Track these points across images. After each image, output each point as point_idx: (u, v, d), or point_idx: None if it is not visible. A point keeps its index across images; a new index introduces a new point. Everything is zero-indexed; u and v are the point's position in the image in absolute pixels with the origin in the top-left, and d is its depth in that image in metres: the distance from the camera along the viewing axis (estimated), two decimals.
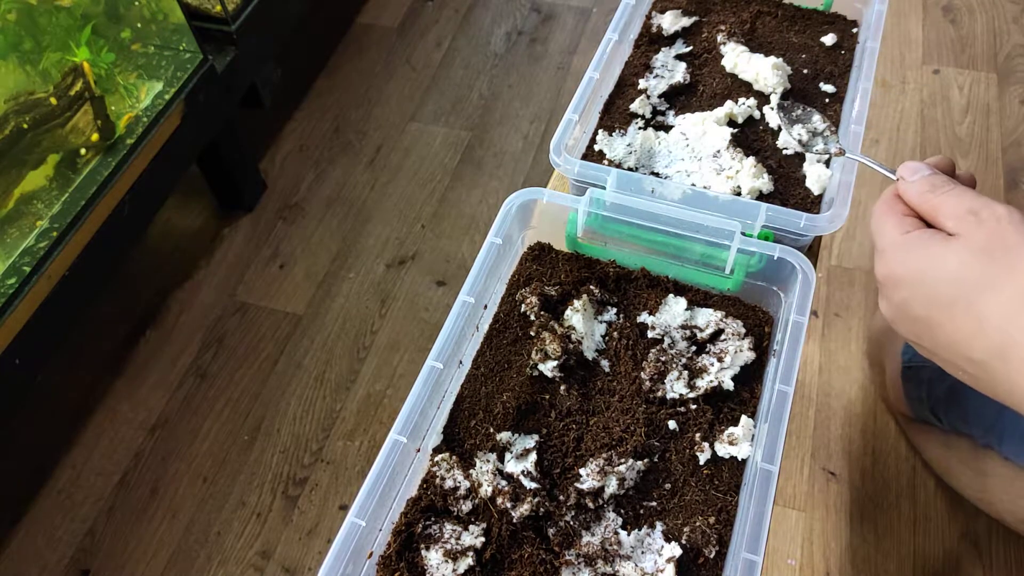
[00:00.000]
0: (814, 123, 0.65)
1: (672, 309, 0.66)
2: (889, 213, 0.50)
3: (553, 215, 0.69)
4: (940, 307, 0.45)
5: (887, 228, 0.49)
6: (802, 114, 0.66)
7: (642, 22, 0.88)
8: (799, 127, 0.65)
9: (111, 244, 1.16)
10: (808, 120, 0.65)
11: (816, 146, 0.64)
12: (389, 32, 1.87)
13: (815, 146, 0.64)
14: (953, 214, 0.46)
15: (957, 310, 0.44)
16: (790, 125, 0.66)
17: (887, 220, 0.50)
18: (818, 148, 0.64)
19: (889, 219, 0.49)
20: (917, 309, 0.46)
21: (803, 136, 0.65)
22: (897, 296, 0.47)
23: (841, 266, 1.40)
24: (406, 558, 0.55)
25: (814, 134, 0.65)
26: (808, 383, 1.26)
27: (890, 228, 0.49)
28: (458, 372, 0.63)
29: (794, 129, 0.65)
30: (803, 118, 0.66)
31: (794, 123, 0.66)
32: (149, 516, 1.20)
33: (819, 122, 0.65)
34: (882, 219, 0.50)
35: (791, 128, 0.66)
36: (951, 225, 0.46)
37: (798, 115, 0.66)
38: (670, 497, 0.57)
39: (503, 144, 1.64)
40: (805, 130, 0.65)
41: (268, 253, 1.49)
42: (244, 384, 1.33)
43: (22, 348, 1.03)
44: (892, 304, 0.48)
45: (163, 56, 1.27)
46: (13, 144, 1.04)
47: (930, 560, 1.09)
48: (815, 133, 0.65)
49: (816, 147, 0.64)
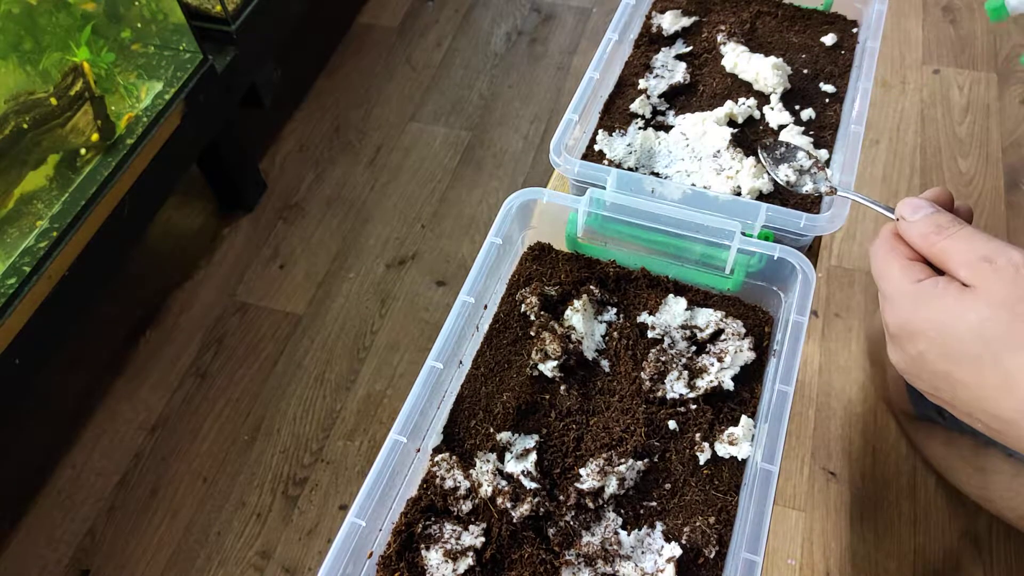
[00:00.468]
0: (799, 160, 0.62)
1: (672, 309, 0.66)
2: (892, 256, 0.47)
3: (553, 215, 0.69)
4: (962, 363, 0.43)
5: (893, 274, 0.46)
6: (786, 152, 0.63)
7: (642, 22, 0.88)
8: (784, 167, 0.62)
9: (111, 244, 1.16)
10: (793, 158, 0.62)
11: (805, 186, 0.61)
12: (389, 32, 1.87)
13: (804, 186, 0.61)
14: (965, 261, 0.44)
15: (983, 367, 0.42)
16: (775, 166, 0.62)
17: (891, 265, 0.47)
18: (808, 188, 0.61)
19: (894, 263, 0.47)
20: (936, 364, 0.44)
21: (790, 176, 0.62)
22: (913, 349, 0.45)
23: (841, 266, 1.40)
24: (406, 558, 0.55)
25: (801, 172, 0.62)
26: (808, 383, 1.26)
27: (897, 274, 0.46)
28: (458, 372, 0.63)
29: (780, 170, 0.62)
30: (787, 156, 0.63)
31: (779, 163, 0.62)
32: (149, 516, 1.20)
33: (804, 159, 0.62)
34: (886, 263, 0.47)
35: (776, 170, 0.62)
36: (964, 275, 0.44)
37: (782, 154, 0.63)
38: (670, 497, 0.57)
39: (503, 144, 1.64)
40: (791, 169, 0.62)
41: (268, 253, 1.49)
42: (244, 384, 1.33)
43: (22, 348, 1.03)
44: (907, 356, 0.46)
45: (163, 56, 1.27)
46: (13, 144, 1.04)
47: (930, 559, 1.09)
48: (802, 171, 0.62)
49: (805, 187, 0.61)
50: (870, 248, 0.50)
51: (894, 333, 0.46)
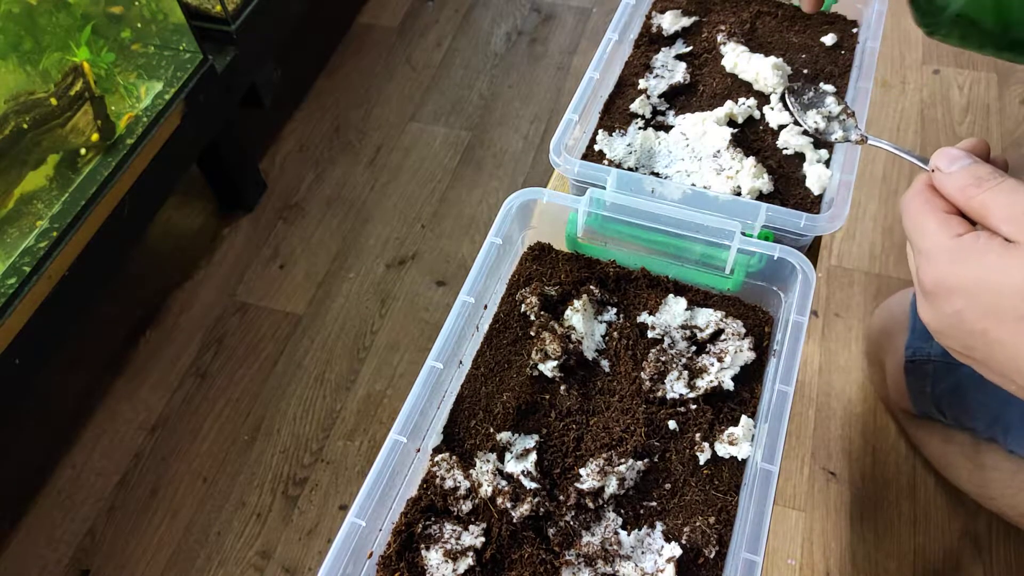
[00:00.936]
0: (828, 106, 0.57)
1: (672, 309, 0.66)
2: (929, 211, 0.44)
3: (553, 215, 0.69)
4: (1003, 322, 0.41)
5: (930, 228, 0.44)
6: (814, 97, 0.58)
7: (642, 22, 0.88)
8: (813, 113, 0.57)
9: (111, 244, 1.16)
10: (821, 103, 0.57)
11: (835, 133, 0.56)
12: (389, 32, 1.87)
13: (833, 133, 0.56)
14: (1009, 216, 0.42)
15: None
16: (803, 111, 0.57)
17: (928, 219, 0.44)
18: (837, 136, 0.56)
19: (931, 218, 0.44)
20: (974, 323, 0.42)
21: (819, 123, 0.57)
22: (949, 307, 0.43)
23: (841, 266, 1.40)
24: (406, 558, 0.55)
25: (829, 119, 0.57)
26: (808, 383, 1.26)
27: (934, 228, 0.44)
28: (458, 372, 0.63)
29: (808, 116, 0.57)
30: (816, 101, 0.58)
31: (807, 108, 0.57)
32: (149, 516, 1.20)
33: (834, 104, 0.57)
34: (921, 217, 0.45)
35: (804, 115, 0.57)
36: (1008, 230, 0.41)
37: (810, 99, 0.58)
38: (670, 497, 0.57)
39: (503, 144, 1.64)
40: (820, 116, 0.57)
41: (268, 253, 1.49)
42: (244, 384, 1.33)
43: (22, 348, 1.03)
44: (942, 314, 0.44)
45: (163, 56, 1.27)
46: (13, 144, 1.04)
47: (930, 559, 1.09)
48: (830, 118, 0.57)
49: (835, 134, 0.56)
50: (902, 201, 0.47)
51: (930, 290, 0.44)
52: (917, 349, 1.02)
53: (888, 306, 1.12)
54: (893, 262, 1.39)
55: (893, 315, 1.09)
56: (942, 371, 0.99)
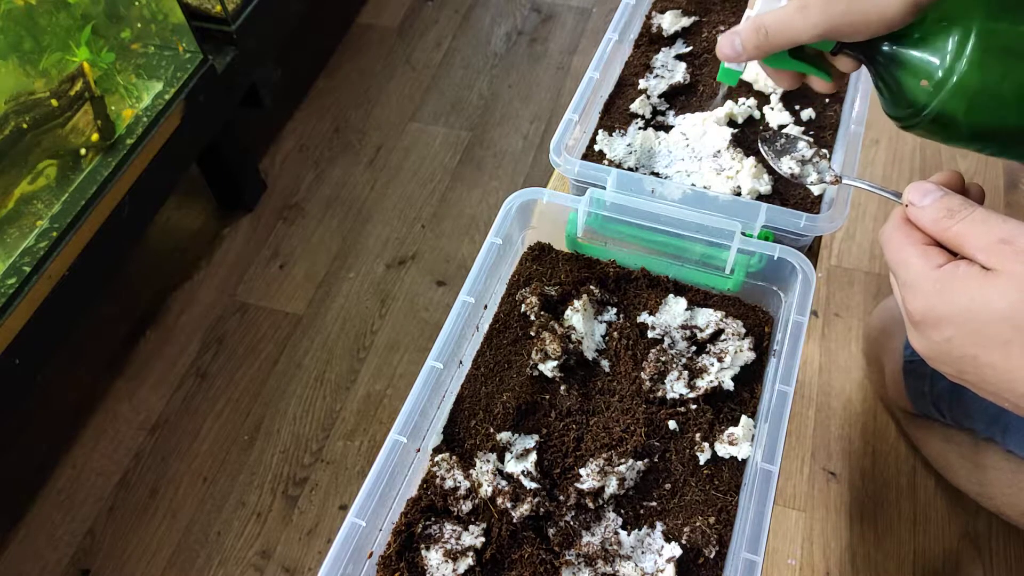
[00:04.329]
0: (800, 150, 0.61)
1: (672, 309, 0.66)
2: (909, 244, 0.46)
3: (553, 215, 0.69)
4: (991, 347, 0.43)
5: (912, 261, 0.46)
6: (786, 143, 0.61)
7: (642, 22, 0.88)
8: (787, 159, 0.61)
9: (111, 244, 1.16)
10: (793, 148, 0.61)
11: (809, 176, 0.60)
12: (389, 32, 1.87)
13: (808, 176, 0.60)
14: (983, 245, 0.43)
15: (1012, 349, 0.42)
16: (777, 158, 0.61)
17: (909, 252, 0.46)
18: (812, 178, 0.60)
19: (911, 251, 0.46)
20: (964, 349, 0.44)
21: (793, 168, 0.60)
22: (938, 335, 0.45)
23: (841, 266, 1.40)
24: (406, 558, 0.55)
25: (803, 162, 0.60)
26: (808, 383, 1.26)
27: (916, 261, 0.45)
28: (458, 372, 0.63)
29: (783, 162, 0.61)
30: (788, 148, 0.61)
31: (780, 155, 0.61)
32: (149, 516, 1.20)
33: (806, 148, 0.61)
34: (902, 251, 0.46)
35: (779, 162, 0.61)
36: (983, 258, 0.43)
37: (782, 145, 0.61)
38: (670, 497, 0.57)
39: (503, 144, 1.64)
40: (793, 160, 0.61)
41: (268, 253, 1.49)
42: (244, 384, 1.33)
43: (22, 348, 1.03)
44: (932, 343, 0.46)
45: (163, 56, 1.27)
46: (13, 144, 1.04)
47: (930, 559, 1.09)
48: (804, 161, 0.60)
49: (810, 177, 0.60)
50: (881, 235, 0.49)
51: (919, 320, 0.46)
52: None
53: (886, 306, 1.12)
54: None
55: (892, 315, 1.09)
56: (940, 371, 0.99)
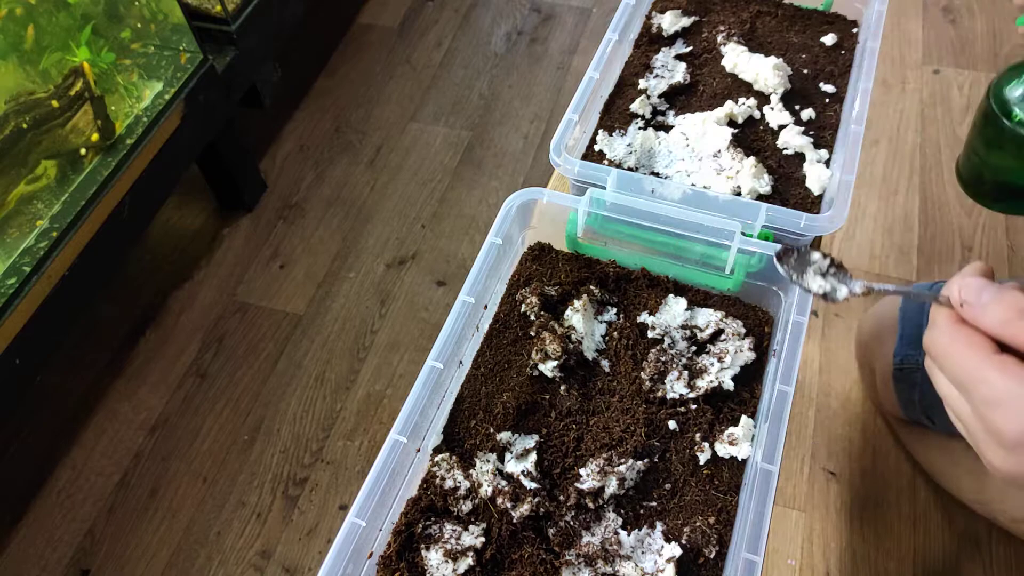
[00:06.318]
0: (815, 262, 0.56)
1: (672, 309, 0.66)
2: (980, 355, 0.41)
3: (553, 215, 0.69)
4: None
5: (992, 376, 0.41)
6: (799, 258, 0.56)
7: (642, 22, 0.88)
8: (810, 274, 0.55)
9: (111, 244, 1.16)
10: (810, 262, 0.56)
11: (839, 290, 0.54)
12: (389, 32, 1.87)
13: (838, 290, 0.54)
14: None
15: None
16: (801, 277, 0.55)
17: (986, 367, 0.41)
18: (843, 294, 0.54)
19: (987, 364, 0.41)
20: None
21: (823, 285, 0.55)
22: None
23: None
24: (406, 558, 0.55)
25: (823, 274, 0.55)
26: (808, 383, 1.26)
27: (998, 376, 0.40)
28: (458, 372, 0.63)
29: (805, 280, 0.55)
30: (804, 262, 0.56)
31: (801, 272, 0.55)
32: (149, 516, 1.20)
33: (821, 260, 0.56)
34: (975, 365, 0.42)
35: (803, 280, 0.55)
36: None
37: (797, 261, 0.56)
38: (670, 497, 0.57)
39: (503, 144, 1.64)
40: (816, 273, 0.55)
41: (268, 253, 1.49)
42: (244, 384, 1.33)
43: (22, 348, 1.03)
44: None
45: (163, 56, 1.27)
46: (13, 144, 1.04)
47: (930, 559, 1.09)
48: (824, 274, 0.55)
49: (840, 292, 0.54)
50: (932, 343, 0.44)
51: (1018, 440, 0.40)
52: (905, 356, 1.01)
53: (877, 311, 1.10)
54: (893, 262, 1.39)
55: (882, 321, 1.07)
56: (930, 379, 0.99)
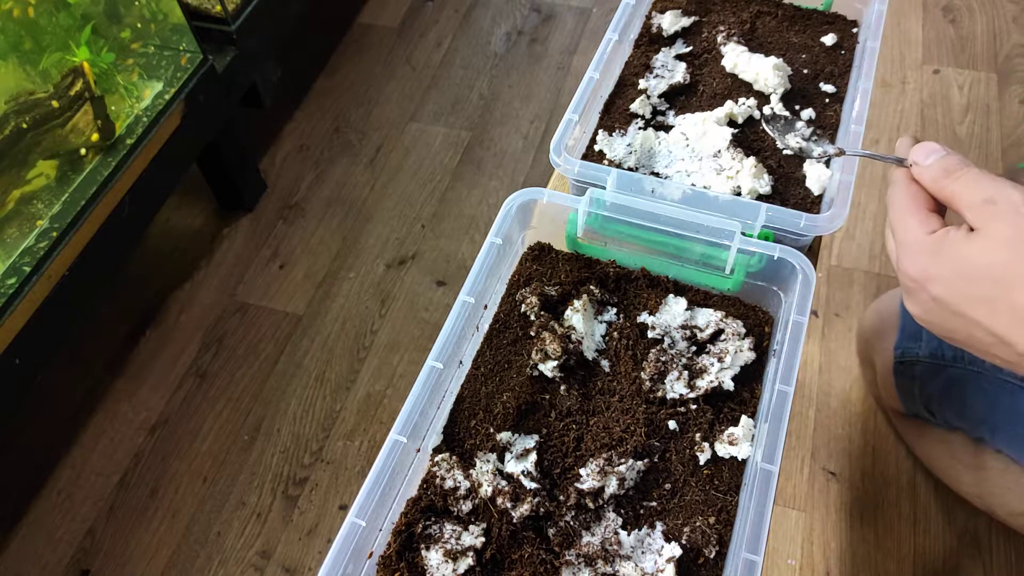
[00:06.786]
0: (799, 129, 0.65)
1: (672, 309, 0.66)
2: (911, 208, 0.50)
3: (553, 215, 0.69)
4: (975, 304, 0.46)
5: (910, 223, 0.49)
6: (786, 124, 0.66)
7: (642, 22, 0.88)
8: (791, 136, 0.65)
9: (111, 244, 1.16)
10: (793, 128, 0.65)
11: (815, 150, 0.64)
12: (389, 32, 1.87)
13: (814, 150, 0.64)
14: (970, 204, 0.47)
15: (996, 306, 0.45)
16: (782, 135, 0.65)
17: (910, 216, 0.50)
18: (817, 153, 0.63)
19: (913, 216, 0.50)
20: (951, 307, 0.47)
21: (800, 143, 0.64)
22: (927, 296, 0.48)
23: (841, 266, 1.40)
24: (406, 558, 0.55)
25: (805, 139, 0.64)
26: (808, 383, 1.26)
27: (914, 224, 0.49)
28: (458, 372, 0.63)
29: (788, 139, 0.65)
30: (789, 127, 0.66)
31: (784, 133, 0.65)
32: (149, 516, 1.20)
33: (804, 128, 0.65)
34: (903, 213, 0.50)
35: (784, 138, 0.65)
36: (970, 217, 0.47)
37: (783, 125, 0.66)
38: (670, 497, 0.57)
39: (503, 144, 1.64)
40: (798, 136, 0.65)
41: (268, 253, 1.49)
42: (244, 384, 1.33)
43: (22, 348, 1.03)
44: (924, 303, 0.49)
45: (163, 56, 1.27)
46: (13, 144, 1.04)
47: (930, 559, 1.09)
48: (805, 138, 0.64)
49: (815, 151, 0.64)
50: (887, 195, 0.52)
51: (914, 279, 0.49)
52: (906, 349, 1.01)
53: (878, 307, 1.11)
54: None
55: (882, 316, 1.08)
56: (929, 372, 0.99)
